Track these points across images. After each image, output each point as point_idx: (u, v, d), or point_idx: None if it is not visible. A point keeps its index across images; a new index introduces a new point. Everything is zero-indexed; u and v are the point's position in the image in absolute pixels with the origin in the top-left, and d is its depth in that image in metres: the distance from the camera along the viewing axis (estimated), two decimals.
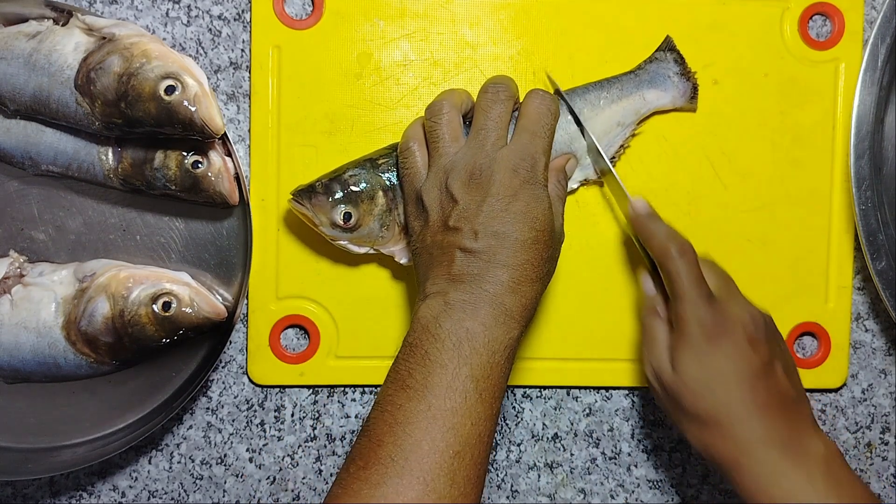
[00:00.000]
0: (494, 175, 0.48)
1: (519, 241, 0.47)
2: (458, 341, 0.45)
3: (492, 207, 0.47)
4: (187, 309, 0.54)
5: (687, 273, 0.50)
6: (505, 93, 0.51)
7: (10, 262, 0.56)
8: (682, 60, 0.59)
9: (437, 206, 0.49)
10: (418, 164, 0.52)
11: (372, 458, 0.43)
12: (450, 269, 0.47)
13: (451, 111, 0.51)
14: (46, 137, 0.55)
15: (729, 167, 0.60)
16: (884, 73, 0.59)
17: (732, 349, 0.50)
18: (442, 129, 0.51)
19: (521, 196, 0.48)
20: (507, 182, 0.48)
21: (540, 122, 0.50)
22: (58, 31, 0.53)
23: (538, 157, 0.49)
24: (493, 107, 0.50)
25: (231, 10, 0.59)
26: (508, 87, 0.52)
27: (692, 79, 0.59)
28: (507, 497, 0.62)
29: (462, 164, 0.49)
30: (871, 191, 0.59)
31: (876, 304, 0.63)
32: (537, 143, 0.50)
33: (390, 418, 0.44)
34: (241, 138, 0.59)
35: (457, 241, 0.47)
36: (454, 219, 0.48)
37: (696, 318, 0.50)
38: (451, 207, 0.48)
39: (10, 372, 0.56)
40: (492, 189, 0.47)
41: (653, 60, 0.59)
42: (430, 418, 0.44)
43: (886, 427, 0.63)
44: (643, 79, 0.59)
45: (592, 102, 0.58)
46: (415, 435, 0.43)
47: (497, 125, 0.50)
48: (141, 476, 0.61)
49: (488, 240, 0.47)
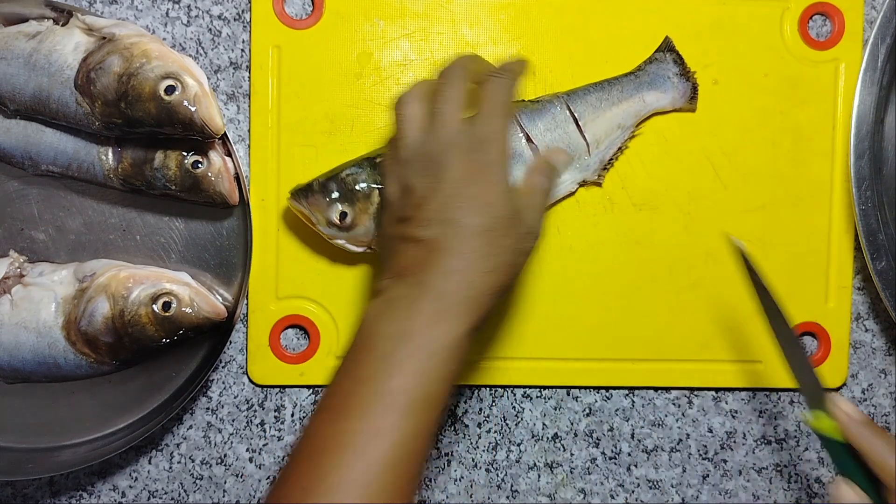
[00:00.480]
0: (448, 160, 0.45)
1: (469, 228, 0.44)
2: (389, 349, 0.42)
3: (444, 193, 0.44)
4: (187, 309, 0.54)
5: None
6: (458, 71, 0.48)
7: (10, 262, 0.56)
8: (681, 61, 0.59)
9: (396, 197, 0.47)
10: (388, 161, 0.50)
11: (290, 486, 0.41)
12: (398, 262, 0.45)
13: (415, 100, 0.48)
14: (46, 137, 0.55)
15: (729, 167, 0.60)
16: (884, 73, 0.59)
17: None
18: (402, 122, 0.48)
19: (475, 180, 0.45)
20: (460, 165, 0.45)
21: (494, 103, 0.47)
22: (58, 31, 0.53)
23: (494, 136, 0.46)
24: (446, 89, 0.47)
25: (231, 10, 0.59)
26: (462, 65, 0.48)
27: (692, 79, 0.59)
28: (507, 497, 0.62)
29: (419, 152, 0.46)
30: (871, 191, 0.59)
31: (876, 304, 0.63)
32: (493, 124, 0.46)
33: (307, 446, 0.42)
34: (241, 138, 0.59)
35: (408, 230, 0.45)
36: (409, 208, 0.46)
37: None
38: (407, 197, 0.46)
39: (10, 372, 0.56)
40: (445, 174, 0.45)
41: (652, 61, 0.59)
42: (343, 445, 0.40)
43: (886, 427, 0.63)
44: (643, 80, 0.59)
45: (593, 105, 0.58)
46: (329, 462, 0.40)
47: (451, 108, 0.47)
48: (141, 476, 0.61)
49: (438, 227, 0.44)
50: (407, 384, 0.41)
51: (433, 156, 0.46)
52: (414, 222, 0.45)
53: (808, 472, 0.63)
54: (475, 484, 0.61)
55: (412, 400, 0.41)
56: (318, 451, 0.41)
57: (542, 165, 0.51)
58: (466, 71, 0.48)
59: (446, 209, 0.44)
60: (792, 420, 0.63)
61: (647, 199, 0.60)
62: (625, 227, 0.60)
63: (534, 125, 0.56)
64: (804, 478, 0.63)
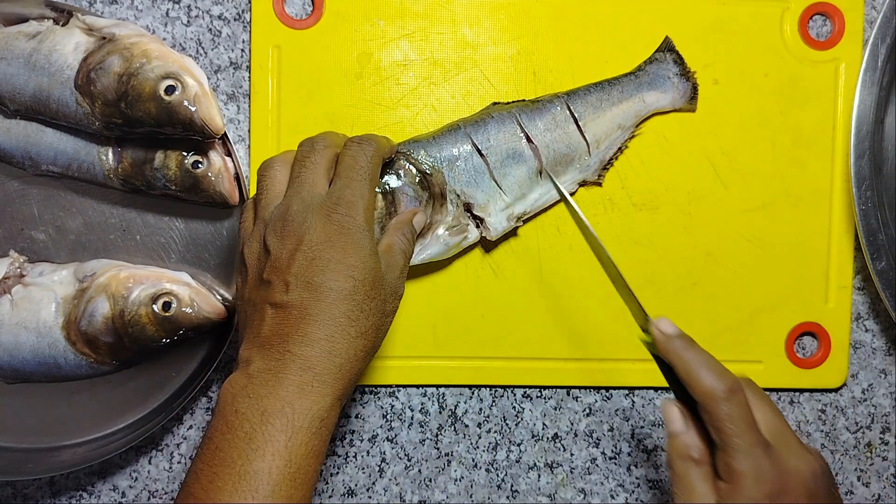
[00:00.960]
0: (307, 222, 0.44)
1: (334, 292, 0.43)
2: (250, 429, 0.41)
3: (304, 255, 0.44)
4: (187, 309, 0.54)
5: (740, 418, 0.42)
6: (322, 143, 0.48)
7: (10, 262, 0.56)
8: (681, 61, 0.59)
9: (255, 259, 0.46)
10: (248, 223, 0.48)
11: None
12: (260, 330, 0.44)
13: (280, 166, 0.48)
14: (46, 137, 0.55)
15: (729, 167, 0.60)
16: (884, 73, 0.59)
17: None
18: (267, 182, 0.48)
19: (338, 243, 0.44)
20: (321, 228, 0.44)
21: (356, 167, 0.47)
22: (58, 31, 0.53)
23: (355, 201, 0.45)
24: (310, 155, 0.47)
25: (231, 10, 0.59)
26: (326, 138, 0.49)
27: (692, 79, 0.59)
28: (507, 497, 0.62)
29: (278, 213, 0.46)
30: (871, 191, 0.59)
31: (876, 304, 0.63)
32: (354, 186, 0.46)
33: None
34: (241, 138, 0.59)
35: (268, 295, 0.44)
36: (267, 271, 0.44)
37: (753, 474, 0.42)
38: (266, 259, 0.45)
39: (10, 372, 0.56)
40: (305, 237, 0.44)
41: (652, 61, 0.59)
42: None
43: (886, 427, 0.63)
44: (643, 80, 0.59)
45: (594, 105, 0.58)
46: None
47: (312, 171, 0.47)
48: (141, 476, 0.61)
49: (300, 292, 0.43)
50: (272, 465, 0.41)
51: (293, 218, 0.45)
52: (275, 286, 0.44)
53: None
54: (475, 484, 0.61)
55: (278, 480, 0.41)
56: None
57: (399, 224, 0.51)
58: (329, 141, 0.48)
59: (308, 272, 0.43)
60: (792, 420, 0.63)
61: (647, 199, 0.60)
62: (625, 227, 0.60)
63: (534, 125, 0.56)
64: None
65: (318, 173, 0.47)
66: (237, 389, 0.42)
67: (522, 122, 0.56)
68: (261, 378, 0.42)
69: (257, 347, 0.43)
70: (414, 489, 0.61)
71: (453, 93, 0.59)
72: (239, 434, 0.41)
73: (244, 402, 0.42)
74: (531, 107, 0.57)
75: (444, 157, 0.55)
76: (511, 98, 0.59)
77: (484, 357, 0.60)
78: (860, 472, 0.63)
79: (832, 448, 0.63)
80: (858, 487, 0.63)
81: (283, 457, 0.41)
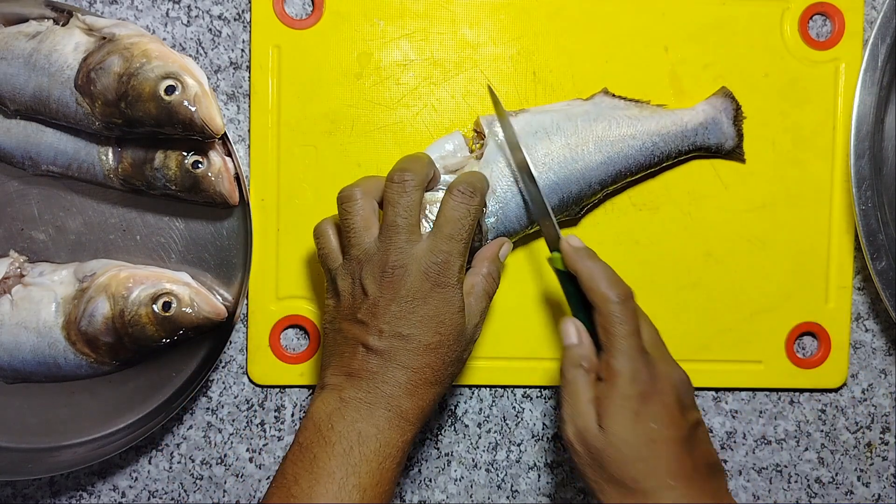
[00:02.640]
0: (406, 276, 0.47)
1: (422, 345, 0.47)
2: (348, 447, 0.45)
3: (400, 308, 0.47)
4: (187, 309, 0.54)
5: (627, 321, 0.47)
6: (412, 182, 0.49)
7: (10, 262, 0.56)
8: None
9: (348, 294, 0.48)
10: (332, 246, 0.50)
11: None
12: (350, 363, 0.47)
13: (362, 198, 0.49)
14: (46, 137, 0.55)
15: (729, 167, 0.60)
16: (884, 73, 0.59)
17: (663, 411, 0.47)
18: (354, 218, 0.49)
19: (431, 300, 0.47)
20: (418, 284, 0.47)
21: (457, 225, 0.48)
22: (58, 31, 0.53)
23: (452, 260, 0.48)
24: (400, 199, 0.48)
25: (231, 10, 0.59)
26: (414, 173, 0.49)
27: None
28: (507, 497, 0.62)
29: (376, 259, 0.47)
30: (871, 191, 0.59)
31: (876, 304, 0.63)
32: (453, 245, 0.48)
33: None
34: (241, 138, 0.59)
35: (361, 335, 0.47)
36: (363, 312, 0.47)
37: (631, 374, 0.46)
38: (362, 300, 0.47)
39: (10, 372, 0.56)
40: (402, 290, 0.47)
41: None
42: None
43: (886, 427, 0.63)
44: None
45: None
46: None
47: (407, 220, 0.48)
48: (141, 476, 0.61)
49: (392, 340, 0.46)
50: (366, 482, 0.45)
51: (392, 268, 0.47)
52: (369, 329, 0.47)
53: (808, 472, 0.63)
54: (475, 484, 0.61)
55: (371, 497, 0.45)
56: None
57: (485, 261, 0.51)
58: (419, 180, 0.49)
59: (401, 324, 0.47)
60: (792, 420, 0.63)
61: (647, 199, 0.60)
62: (625, 227, 0.60)
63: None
64: (804, 478, 0.63)
65: (413, 220, 0.48)
66: (331, 409, 0.46)
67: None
68: (354, 405, 0.46)
69: (346, 377, 0.47)
70: (414, 489, 0.61)
71: (453, 93, 0.59)
72: (337, 449, 0.45)
73: (340, 422, 0.46)
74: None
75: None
76: (511, 98, 0.59)
77: (484, 357, 0.60)
78: (860, 472, 0.63)
79: (832, 448, 0.63)
80: (858, 487, 0.63)
81: (376, 477, 0.45)
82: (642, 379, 0.47)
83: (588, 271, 0.49)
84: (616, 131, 0.57)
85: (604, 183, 0.57)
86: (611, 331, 0.47)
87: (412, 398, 0.47)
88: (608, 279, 0.48)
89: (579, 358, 0.49)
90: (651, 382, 0.47)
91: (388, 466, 0.46)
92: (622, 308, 0.47)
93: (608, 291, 0.48)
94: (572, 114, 0.57)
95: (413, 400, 0.47)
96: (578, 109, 0.57)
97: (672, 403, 0.47)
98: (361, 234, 0.49)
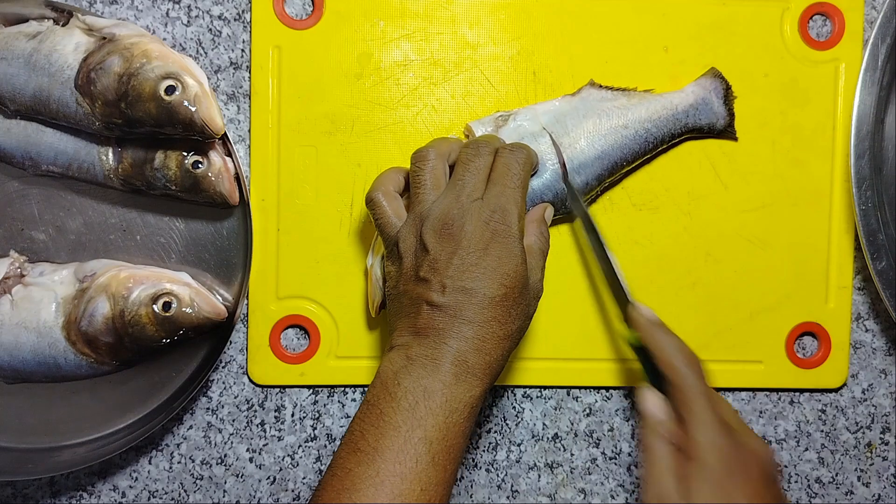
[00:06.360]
0: (466, 227, 0.47)
1: (487, 298, 0.46)
2: (414, 401, 0.45)
3: (461, 261, 0.46)
4: (187, 309, 0.54)
5: (705, 394, 0.48)
6: (486, 148, 0.50)
7: (10, 262, 0.56)
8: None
9: (410, 253, 0.48)
10: (387, 213, 0.51)
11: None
12: (416, 322, 0.47)
13: (436, 159, 0.50)
14: (47, 137, 0.55)
15: (729, 167, 0.60)
16: (884, 73, 0.59)
17: (751, 487, 0.46)
18: (425, 175, 0.50)
19: (493, 250, 0.47)
20: (479, 235, 0.47)
21: (509, 174, 0.49)
22: (58, 32, 0.53)
23: (509, 209, 0.48)
24: (474, 160, 0.50)
25: (231, 10, 0.59)
26: (490, 144, 0.51)
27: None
28: (507, 497, 0.62)
29: (436, 213, 0.48)
30: (871, 191, 0.59)
31: (876, 304, 0.63)
32: (509, 194, 0.48)
33: (338, 483, 0.44)
34: (241, 138, 0.59)
35: (425, 293, 0.47)
36: (424, 269, 0.47)
37: (715, 446, 0.46)
38: (423, 257, 0.47)
39: (11, 372, 0.56)
40: (462, 242, 0.47)
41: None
42: (378, 484, 0.43)
43: (886, 427, 0.63)
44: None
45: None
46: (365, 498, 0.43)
47: (474, 177, 0.49)
48: (141, 476, 0.61)
49: (455, 295, 0.46)
50: (433, 436, 0.44)
51: (453, 221, 0.47)
52: (432, 286, 0.47)
53: (808, 472, 0.63)
54: (475, 484, 0.61)
55: (438, 450, 0.44)
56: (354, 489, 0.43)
57: (534, 222, 0.52)
58: (491, 147, 0.51)
59: (464, 277, 0.46)
60: (792, 420, 0.63)
61: (647, 199, 0.60)
62: (625, 227, 0.60)
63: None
64: (804, 478, 0.63)
65: (480, 178, 0.49)
66: (398, 367, 0.46)
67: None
68: (420, 362, 0.46)
69: (413, 335, 0.47)
70: None
71: (453, 93, 0.59)
72: (403, 404, 0.45)
73: (406, 378, 0.45)
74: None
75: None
76: (511, 98, 0.59)
77: None
78: (860, 472, 0.63)
79: (832, 448, 0.63)
80: (858, 487, 0.63)
81: (442, 430, 0.45)
82: (727, 452, 0.46)
83: (659, 344, 0.50)
84: (607, 123, 0.57)
85: (601, 177, 0.57)
86: (690, 405, 0.47)
87: (479, 353, 0.46)
88: (681, 352, 0.49)
89: (660, 426, 0.48)
90: (737, 455, 0.46)
91: (456, 421, 0.45)
92: (699, 382, 0.48)
93: (683, 368, 0.49)
94: (561, 114, 0.57)
95: (480, 355, 0.46)
96: (566, 107, 0.57)
97: (757, 478, 0.46)
98: (429, 192, 0.50)
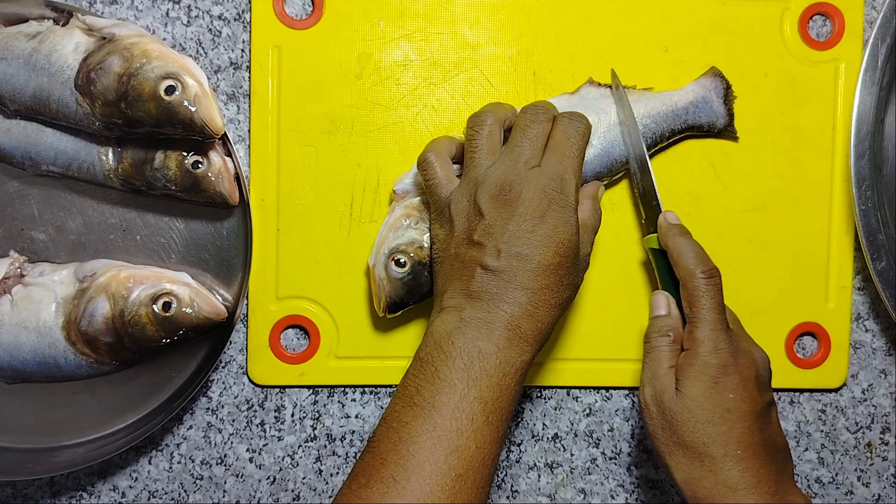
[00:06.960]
0: (523, 194, 0.47)
1: (541, 265, 0.46)
2: (469, 361, 0.45)
3: (517, 227, 0.46)
4: (187, 309, 0.54)
5: (712, 296, 0.50)
6: (545, 114, 0.50)
7: (10, 262, 0.56)
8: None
9: (463, 217, 0.49)
10: (438, 175, 0.51)
11: (374, 475, 0.43)
12: (469, 285, 0.47)
13: (493, 124, 0.51)
14: (46, 138, 0.55)
15: (729, 167, 0.60)
16: (884, 73, 0.59)
17: (741, 385, 0.48)
18: (481, 139, 0.50)
19: (549, 218, 0.47)
20: (536, 202, 0.47)
21: (568, 143, 0.49)
22: (58, 32, 0.53)
23: (567, 178, 0.48)
24: (532, 126, 0.50)
25: (231, 10, 0.59)
26: (548, 110, 0.51)
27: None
28: (507, 497, 0.61)
29: (493, 178, 0.48)
30: (871, 191, 0.59)
31: (876, 304, 0.63)
32: (566, 163, 0.48)
33: (395, 436, 0.44)
34: (241, 138, 0.59)
35: (479, 257, 0.47)
36: (479, 233, 0.47)
37: (713, 344, 0.49)
38: (478, 221, 0.48)
39: (10, 372, 0.56)
40: (519, 208, 0.47)
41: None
42: (436, 438, 0.43)
43: (886, 427, 0.63)
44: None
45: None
46: (419, 455, 0.43)
47: (532, 144, 0.49)
48: (141, 476, 0.61)
49: (510, 260, 0.46)
50: (487, 396, 0.44)
51: (511, 187, 0.47)
52: (486, 250, 0.47)
53: (808, 472, 0.63)
54: None
55: (492, 410, 0.45)
56: (412, 441, 0.43)
57: (588, 198, 0.52)
58: (549, 113, 0.51)
59: (519, 244, 0.46)
60: (792, 420, 0.63)
61: None
62: (625, 227, 0.60)
63: None
64: (804, 478, 0.63)
65: (538, 146, 0.49)
66: (451, 327, 0.46)
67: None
68: (474, 324, 0.46)
69: (466, 298, 0.47)
70: None
71: (453, 93, 0.59)
72: (458, 363, 0.45)
73: (461, 339, 0.45)
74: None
75: None
76: (511, 98, 0.59)
77: None
78: (860, 472, 0.63)
79: (832, 448, 0.63)
80: (858, 487, 0.63)
81: (496, 391, 0.45)
82: (724, 350, 0.49)
83: (678, 247, 0.52)
84: (606, 121, 0.57)
85: (599, 175, 0.57)
86: (696, 303, 0.50)
87: (532, 319, 0.46)
88: (696, 255, 0.51)
89: (666, 327, 0.51)
90: (732, 355, 0.49)
91: (508, 384, 0.45)
92: (707, 283, 0.50)
93: (695, 267, 0.50)
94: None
95: (532, 321, 0.46)
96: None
97: (750, 379, 0.49)
98: (485, 156, 0.50)
